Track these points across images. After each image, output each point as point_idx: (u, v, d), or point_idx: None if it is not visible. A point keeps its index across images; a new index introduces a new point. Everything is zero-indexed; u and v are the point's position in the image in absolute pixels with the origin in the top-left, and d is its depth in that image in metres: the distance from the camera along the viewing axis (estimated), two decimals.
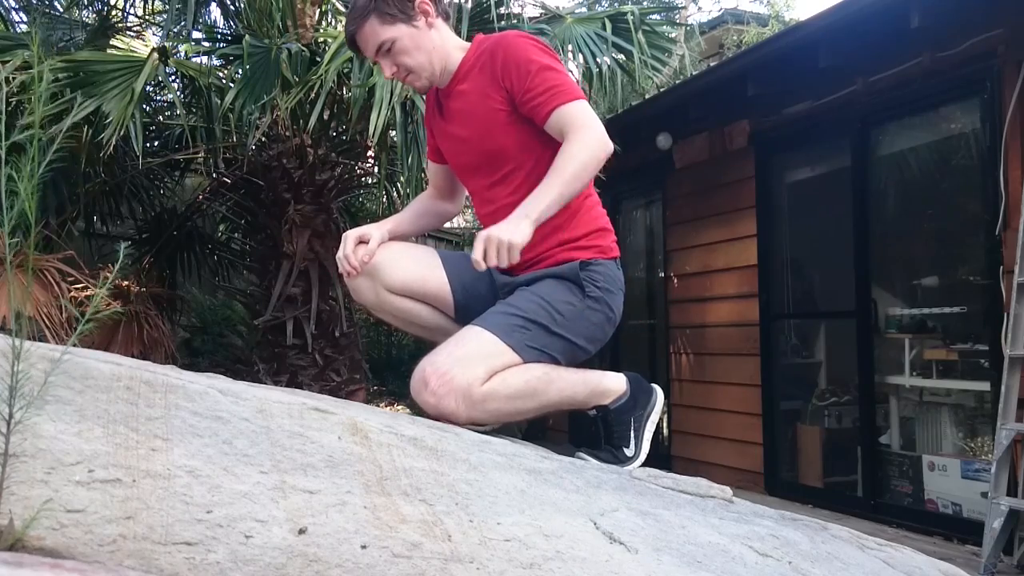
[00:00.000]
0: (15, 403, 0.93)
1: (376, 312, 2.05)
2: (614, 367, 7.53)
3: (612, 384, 1.95)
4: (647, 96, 6.93)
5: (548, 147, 1.84)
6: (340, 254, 1.96)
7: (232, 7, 5.50)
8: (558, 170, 1.74)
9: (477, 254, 1.69)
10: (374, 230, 1.99)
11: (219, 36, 5.29)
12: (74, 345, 1.08)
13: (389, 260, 1.95)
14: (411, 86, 2.05)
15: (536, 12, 5.29)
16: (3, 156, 0.93)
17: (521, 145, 1.89)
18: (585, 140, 1.76)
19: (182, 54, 4.79)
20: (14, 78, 3.57)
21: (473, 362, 1.75)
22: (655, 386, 2.04)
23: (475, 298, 1.96)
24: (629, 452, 1.89)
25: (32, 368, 0.98)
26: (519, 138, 1.89)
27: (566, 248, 1.91)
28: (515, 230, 1.69)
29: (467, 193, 2.17)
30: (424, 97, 2.36)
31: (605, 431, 1.93)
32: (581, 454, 1.85)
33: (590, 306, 1.88)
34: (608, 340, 2.01)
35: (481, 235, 1.70)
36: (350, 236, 1.97)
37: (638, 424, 1.93)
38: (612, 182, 6.34)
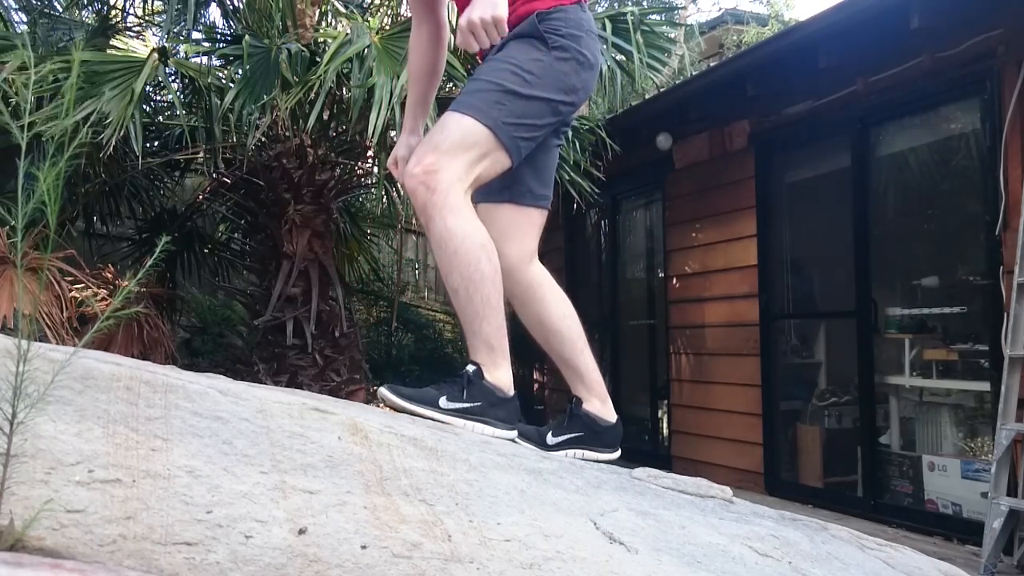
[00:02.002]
0: (18, 404, 0.93)
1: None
2: (614, 366, 7.43)
3: (505, 370, 1.80)
4: (647, 96, 6.93)
5: None
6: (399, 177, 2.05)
7: (232, 7, 5.51)
8: None
9: (467, 42, 1.70)
10: (402, 148, 2.07)
11: (219, 36, 5.29)
12: (85, 346, 1.08)
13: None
14: None
15: None
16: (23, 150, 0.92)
17: None
18: None
19: (182, 54, 4.79)
20: (14, 79, 3.57)
21: (457, 156, 1.75)
22: (518, 438, 1.83)
23: None
24: (442, 402, 1.73)
25: (34, 370, 0.98)
26: None
27: (526, 1, 1.88)
28: (492, 3, 1.67)
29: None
30: None
31: (454, 376, 1.81)
32: (385, 390, 1.74)
33: (558, 56, 1.85)
34: (591, 90, 1.96)
35: (462, 24, 1.69)
36: (392, 170, 2.08)
37: (471, 407, 1.73)
38: (612, 182, 6.39)
